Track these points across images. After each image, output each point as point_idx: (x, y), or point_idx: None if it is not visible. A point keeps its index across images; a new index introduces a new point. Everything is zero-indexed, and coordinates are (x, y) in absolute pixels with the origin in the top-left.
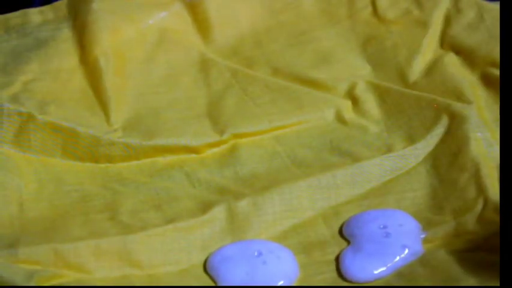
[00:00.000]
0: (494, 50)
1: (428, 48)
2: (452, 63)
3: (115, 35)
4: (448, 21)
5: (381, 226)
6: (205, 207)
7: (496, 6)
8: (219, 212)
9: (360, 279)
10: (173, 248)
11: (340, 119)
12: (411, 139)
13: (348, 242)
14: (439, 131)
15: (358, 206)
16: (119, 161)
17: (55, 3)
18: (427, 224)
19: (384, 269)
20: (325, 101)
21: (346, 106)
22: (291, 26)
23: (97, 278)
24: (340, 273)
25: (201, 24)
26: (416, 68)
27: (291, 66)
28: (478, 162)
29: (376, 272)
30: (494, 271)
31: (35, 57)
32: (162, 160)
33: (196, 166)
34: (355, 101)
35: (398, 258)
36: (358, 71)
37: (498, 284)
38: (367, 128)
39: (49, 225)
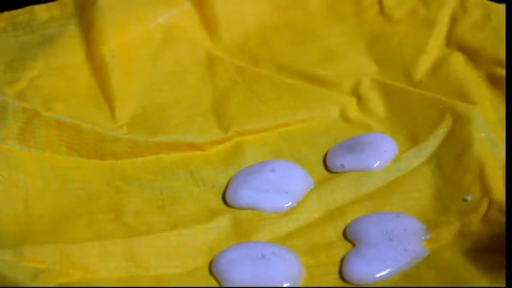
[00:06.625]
0: (499, 49)
1: (434, 47)
2: (458, 62)
3: (122, 32)
4: (454, 21)
5: (384, 230)
6: (210, 213)
7: (502, 7)
8: (223, 220)
9: (361, 282)
10: (179, 252)
11: (344, 116)
12: (415, 139)
13: (353, 243)
14: (443, 131)
15: (363, 207)
16: (123, 157)
17: (62, 0)
18: (431, 225)
19: (385, 272)
20: (330, 98)
21: (351, 104)
22: (298, 24)
23: (102, 278)
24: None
25: (208, 21)
26: (422, 67)
27: (296, 64)
28: (482, 162)
29: (377, 275)
30: (499, 272)
31: (41, 54)
32: (166, 157)
33: (201, 164)
34: (360, 99)
35: (400, 262)
36: (364, 69)
37: (504, 285)
38: (371, 126)
39: (54, 224)
